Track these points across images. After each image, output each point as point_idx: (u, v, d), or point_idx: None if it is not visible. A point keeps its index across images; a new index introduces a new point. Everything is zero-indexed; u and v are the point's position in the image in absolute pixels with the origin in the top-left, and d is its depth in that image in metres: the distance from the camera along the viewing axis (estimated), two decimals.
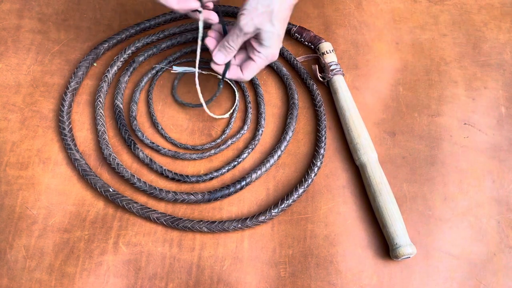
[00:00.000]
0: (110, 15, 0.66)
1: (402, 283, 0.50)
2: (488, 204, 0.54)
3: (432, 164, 0.56)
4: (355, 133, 0.55)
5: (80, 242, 0.51)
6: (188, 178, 0.54)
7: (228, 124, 0.58)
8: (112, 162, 0.54)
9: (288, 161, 0.56)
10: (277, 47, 0.51)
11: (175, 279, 0.49)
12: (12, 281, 0.48)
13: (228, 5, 0.65)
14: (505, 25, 0.67)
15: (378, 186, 0.51)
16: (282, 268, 0.50)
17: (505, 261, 0.51)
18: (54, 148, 0.56)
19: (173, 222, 0.51)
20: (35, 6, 0.66)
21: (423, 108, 0.60)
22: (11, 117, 0.57)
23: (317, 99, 0.59)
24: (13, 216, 0.52)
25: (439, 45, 0.65)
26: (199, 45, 0.52)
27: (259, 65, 0.51)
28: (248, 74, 0.52)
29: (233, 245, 0.51)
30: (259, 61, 0.51)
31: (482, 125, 0.59)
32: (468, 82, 0.62)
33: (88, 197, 0.53)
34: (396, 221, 0.50)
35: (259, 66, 0.51)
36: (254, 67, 0.51)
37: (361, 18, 0.67)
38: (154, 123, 0.57)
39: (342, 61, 0.63)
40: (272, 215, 0.51)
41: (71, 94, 0.58)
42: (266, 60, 0.51)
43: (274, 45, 0.50)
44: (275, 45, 0.50)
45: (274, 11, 0.47)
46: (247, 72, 0.52)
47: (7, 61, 0.61)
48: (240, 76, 0.52)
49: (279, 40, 0.50)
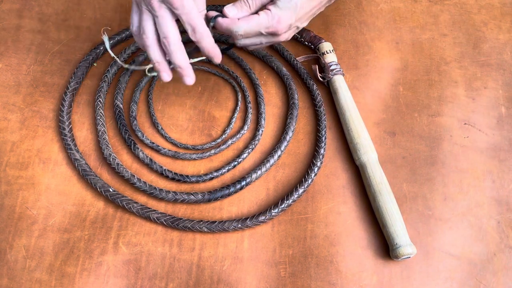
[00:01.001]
0: (110, 15, 0.66)
1: (402, 283, 0.50)
2: (488, 204, 0.54)
3: (432, 164, 0.56)
4: (355, 133, 0.55)
5: (80, 242, 0.51)
6: (188, 178, 0.54)
7: (229, 124, 0.58)
8: (112, 162, 0.54)
9: (288, 161, 0.56)
10: (291, 17, 0.46)
11: (175, 279, 0.49)
12: (12, 281, 0.48)
13: None
14: (505, 25, 0.67)
15: (378, 186, 0.51)
16: (282, 268, 0.50)
17: (505, 261, 0.51)
18: (54, 148, 0.56)
19: (173, 222, 0.51)
20: (35, 6, 0.66)
21: (423, 108, 0.60)
22: (11, 117, 0.57)
23: (317, 99, 0.59)
24: (13, 216, 0.52)
25: (439, 45, 0.65)
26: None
27: (261, 20, 0.46)
28: (243, 24, 0.46)
29: (233, 245, 0.51)
30: (263, 16, 0.46)
31: (482, 125, 0.59)
32: (468, 82, 0.62)
33: (88, 197, 0.53)
34: (396, 221, 0.50)
35: (260, 21, 0.46)
36: (254, 20, 0.46)
37: (361, 18, 0.67)
38: (154, 123, 0.57)
39: (342, 61, 0.63)
40: (272, 215, 0.51)
41: (71, 94, 0.58)
42: (270, 21, 0.46)
43: (287, 11, 0.45)
44: (290, 12, 0.45)
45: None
46: (244, 22, 0.46)
47: (7, 61, 0.61)
48: (234, 21, 0.46)
49: (295, 11, 0.45)
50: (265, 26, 0.46)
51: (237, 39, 0.48)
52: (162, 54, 0.46)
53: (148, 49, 0.46)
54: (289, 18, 0.46)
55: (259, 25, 0.46)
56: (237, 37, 0.48)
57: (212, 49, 0.46)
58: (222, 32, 0.48)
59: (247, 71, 0.61)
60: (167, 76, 0.47)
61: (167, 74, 0.47)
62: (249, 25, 0.46)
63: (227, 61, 0.63)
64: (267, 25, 0.46)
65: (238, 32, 0.46)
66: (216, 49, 0.46)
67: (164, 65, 0.46)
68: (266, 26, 0.46)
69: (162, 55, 0.46)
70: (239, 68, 0.62)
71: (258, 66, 0.63)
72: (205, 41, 0.45)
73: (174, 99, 0.60)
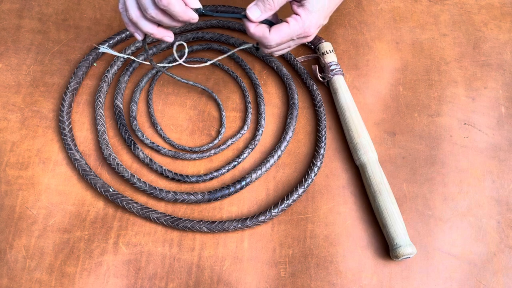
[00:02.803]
0: (110, 15, 0.66)
1: (402, 283, 0.50)
2: (488, 204, 0.54)
3: (432, 164, 0.56)
4: (355, 133, 0.55)
5: (80, 242, 0.51)
6: (188, 178, 0.54)
7: (221, 124, 0.58)
8: (112, 162, 0.54)
9: (288, 161, 0.56)
10: (319, 18, 0.44)
11: (175, 279, 0.49)
12: (12, 281, 0.48)
13: (228, 5, 0.65)
14: (505, 25, 0.67)
15: (378, 186, 0.51)
16: (282, 268, 0.50)
17: (505, 261, 0.51)
18: (54, 148, 0.56)
19: (173, 222, 0.51)
20: (35, 6, 0.66)
21: (423, 108, 0.60)
22: (11, 117, 0.57)
23: (317, 99, 0.59)
24: (13, 216, 0.52)
25: (439, 45, 0.65)
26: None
27: (292, 30, 0.44)
28: (275, 36, 0.44)
29: (233, 245, 0.51)
30: (293, 25, 0.44)
31: (482, 125, 0.59)
32: (468, 82, 0.62)
33: (88, 197, 0.53)
34: (396, 221, 0.50)
35: (292, 31, 0.44)
36: (284, 30, 0.44)
37: (361, 18, 0.67)
38: (153, 123, 0.57)
39: (342, 61, 0.63)
40: (272, 215, 0.51)
41: (71, 94, 0.58)
42: (301, 27, 0.44)
43: (318, 12, 0.44)
44: (319, 14, 0.44)
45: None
46: (275, 33, 0.44)
47: (7, 61, 0.61)
48: (266, 35, 0.45)
49: (323, 12, 0.44)
50: (297, 34, 0.45)
51: (269, 49, 0.47)
52: (152, 25, 0.45)
53: (129, 27, 0.45)
54: (319, 19, 0.45)
55: (291, 33, 0.45)
56: (269, 48, 0.47)
57: (183, 13, 0.43)
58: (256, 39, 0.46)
59: (247, 71, 0.61)
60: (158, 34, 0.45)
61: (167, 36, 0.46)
62: (281, 36, 0.45)
63: (227, 61, 0.63)
64: (299, 32, 0.45)
65: (271, 45, 0.45)
66: (188, 13, 0.43)
67: (159, 30, 0.45)
68: (298, 33, 0.45)
69: (152, 27, 0.45)
70: (239, 68, 0.62)
71: (258, 66, 0.63)
72: (172, 6, 0.41)
73: (174, 99, 0.60)
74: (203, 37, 0.63)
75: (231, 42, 0.63)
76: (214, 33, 0.63)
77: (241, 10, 0.65)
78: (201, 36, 0.63)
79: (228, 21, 0.65)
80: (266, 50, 0.48)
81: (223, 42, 0.63)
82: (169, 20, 0.44)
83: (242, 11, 0.63)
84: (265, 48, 0.47)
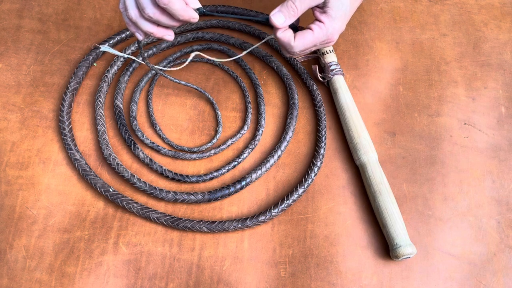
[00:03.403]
0: (110, 15, 0.66)
1: (402, 283, 0.50)
2: (488, 204, 0.54)
3: (432, 164, 0.56)
4: (355, 133, 0.55)
5: (80, 242, 0.51)
6: (188, 178, 0.54)
7: (218, 123, 0.58)
8: (112, 162, 0.54)
9: (288, 161, 0.56)
10: (342, 24, 0.45)
11: (175, 279, 0.49)
12: (12, 281, 0.48)
13: (228, 5, 0.65)
14: (505, 25, 0.67)
15: (378, 186, 0.51)
16: (282, 268, 0.50)
17: (505, 261, 0.51)
18: (54, 148, 0.56)
19: (173, 222, 0.51)
20: (35, 6, 0.66)
21: (423, 108, 0.60)
22: (11, 117, 0.57)
23: (317, 99, 0.59)
24: (13, 216, 0.52)
25: (439, 45, 0.65)
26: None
27: (316, 37, 0.45)
28: (299, 43, 0.45)
29: (233, 245, 0.51)
30: (318, 32, 0.45)
31: (482, 125, 0.59)
32: (468, 82, 0.62)
33: (88, 197, 0.53)
34: (396, 221, 0.50)
35: (315, 38, 0.45)
36: (308, 38, 0.45)
37: (361, 18, 0.66)
38: (152, 123, 0.57)
39: (342, 61, 0.63)
40: (272, 215, 0.51)
41: (71, 94, 0.58)
42: (325, 34, 0.45)
43: (340, 19, 0.44)
44: (340, 20, 0.44)
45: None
46: (299, 41, 0.45)
47: (7, 61, 0.61)
48: (290, 43, 0.45)
49: (345, 18, 0.45)
50: (321, 41, 0.46)
51: (291, 54, 0.48)
52: (151, 25, 0.45)
53: (130, 27, 0.46)
54: (342, 26, 0.46)
55: (315, 41, 0.46)
56: (294, 54, 0.48)
57: (184, 12, 0.43)
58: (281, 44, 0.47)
59: (247, 71, 0.61)
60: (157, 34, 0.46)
61: (168, 35, 0.46)
62: (305, 44, 0.45)
63: (227, 61, 0.63)
64: (323, 39, 0.46)
65: (295, 52, 0.46)
66: (188, 12, 0.43)
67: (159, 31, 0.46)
68: (322, 40, 0.46)
69: (151, 26, 0.45)
70: (239, 68, 0.62)
71: (258, 66, 0.63)
72: (172, 4, 0.42)
73: (174, 99, 0.60)
74: (203, 37, 0.63)
75: (231, 42, 0.63)
76: (214, 33, 0.63)
77: (254, 12, 0.64)
78: (201, 36, 0.63)
79: (228, 21, 0.65)
80: (288, 54, 0.49)
81: (223, 42, 0.63)
82: (167, 20, 0.44)
83: (259, 15, 0.62)
84: (287, 53, 0.48)
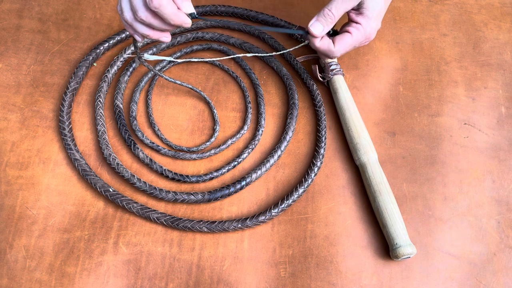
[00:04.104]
0: (110, 15, 0.66)
1: (402, 283, 0.50)
2: (488, 204, 0.54)
3: (432, 164, 0.56)
4: (355, 133, 0.55)
5: (80, 242, 0.51)
6: (188, 178, 0.54)
7: (215, 122, 0.58)
8: (112, 162, 0.54)
9: (288, 161, 0.56)
10: (378, 22, 0.46)
11: (175, 279, 0.49)
12: (12, 281, 0.48)
13: (228, 5, 0.65)
14: (505, 25, 0.67)
15: (378, 186, 0.51)
16: (282, 268, 0.50)
17: (505, 261, 0.51)
18: (54, 148, 0.56)
19: (173, 222, 0.51)
20: (35, 6, 0.66)
21: (423, 108, 0.60)
22: (11, 117, 0.57)
23: (317, 99, 0.59)
24: (13, 216, 0.52)
25: (439, 44, 0.65)
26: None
27: (355, 40, 0.46)
28: (339, 47, 0.47)
29: (233, 245, 0.51)
30: (356, 34, 0.46)
31: (482, 125, 0.59)
32: (468, 82, 0.62)
33: (88, 197, 0.53)
34: (396, 221, 0.50)
35: (354, 41, 0.46)
36: (348, 41, 0.46)
37: None
38: (152, 123, 0.57)
39: (342, 61, 0.63)
40: (272, 215, 0.51)
41: (71, 94, 0.58)
42: (363, 35, 0.46)
43: (376, 18, 0.45)
44: (377, 19, 0.45)
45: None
46: (339, 45, 0.46)
47: (7, 61, 0.61)
48: (331, 49, 0.47)
49: (380, 16, 0.45)
50: (360, 41, 0.47)
51: (331, 59, 0.49)
52: (147, 28, 0.45)
53: (128, 29, 0.46)
54: (378, 24, 0.47)
55: (354, 43, 0.47)
56: (333, 58, 0.50)
57: (175, 16, 0.43)
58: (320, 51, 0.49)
59: (247, 71, 0.62)
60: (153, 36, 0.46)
61: (164, 37, 0.47)
62: (345, 47, 0.47)
63: (227, 61, 0.63)
64: (361, 40, 0.47)
65: (336, 56, 0.47)
66: (180, 17, 0.43)
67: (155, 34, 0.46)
68: (361, 41, 0.47)
69: (146, 28, 0.45)
70: (239, 68, 0.62)
71: (258, 66, 0.63)
72: (164, 9, 0.41)
73: (174, 99, 0.60)
74: (203, 37, 0.63)
75: (231, 42, 0.63)
76: (214, 33, 0.63)
77: (285, 22, 0.64)
78: (201, 36, 0.63)
79: (228, 21, 0.65)
80: (328, 59, 0.50)
81: (223, 42, 0.63)
82: (160, 23, 0.44)
83: (292, 26, 0.63)
84: (328, 58, 0.50)
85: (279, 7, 0.67)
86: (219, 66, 0.62)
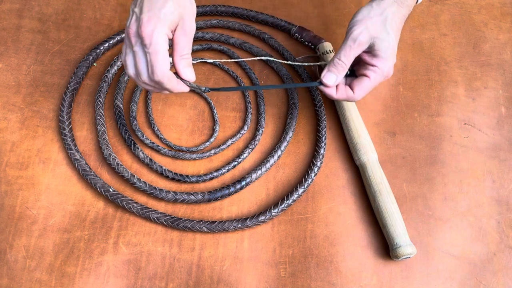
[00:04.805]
0: (110, 15, 0.66)
1: (402, 283, 0.50)
2: (488, 204, 0.54)
3: (432, 164, 0.56)
4: (355, 133, 0.55)
5: (80, 242, 0.51)
6: (188, 178, 0.54)
7: (214, 122, 0.58)
8: (112, 162, 0.54)
9: (288, 161, 0.56)
10: (393, 60, 0.46)
11: (175, 279, 0.49)
12: (12, 281, 0.48)
13: (228, 5, 0.65)
14: (505, 25, 0.67)
15: (378, 186, 0.51)
16: (282, 268, 0.50)
17: (505, 261, 0.51)
18: (54, 148, 0.56)
19: (173, 222, 0.51)
20: (35, 6, 0.66)
21: (423, 108, 0.60)
22: (11, 117, 0.57)
23: (317, 99, 0.59)
24: (13, 216, 0.52)
25: (439, 44, 0.65)
26: None
27: (374, 82, 0.46)
28: (360, 92, 0.46)
29: (233, 245, 0.51)
30: (374, 77, 0.45)
31: (482, 125, 0.59)
32: (468, 82, 0.62)
33: (88, 197, 0.53)
34: (396, 221, 0.50)
35: (374, 82, 0.46)
36: (367, 85, 0.46)
37: None
38: (151, 123, 0.57)
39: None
40: (272, 215, 0.51)
41: (71, 94, 0.58)
42: (382, 75, 0.46)
43: (391, 57, 0.45)
44: (392, 57, 0.45)
45: (388, 19, 0.44)
46: (359, 90, 0.46)
47: (7, 61, 0.61)
48: (351, 96, 0.47)
49: (394, 53, 0.45)
50: (379, 82, 0.47)
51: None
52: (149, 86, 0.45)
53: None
54: (393, 60, 0.46)
55: (373, 85, 0.46)
56: (355, 101, 0.50)
57: (174, 88, 0.44)
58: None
59: (247, 71, 0.61)
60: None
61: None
62: (365, 91, 0.46)
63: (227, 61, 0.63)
64: (380, 80, 0.47)
65: (358, 100, 0.47)
66: (179, 87, 0.45)
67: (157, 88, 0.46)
68: (380, 81, 0.47)
69: (149, 87, 0.45)
70: (239, 68, 0.62)
71: (258, 66, 0.63)
72: (165, 84, 0.43)
73: (174, 99, 0.60)
74: (203, 37, 0.63)
75: (231, 42, 0.63)
76: (214, 33, 0.63)
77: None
78: (201, 36, 0.63)
79: (228, 21, 0.65)
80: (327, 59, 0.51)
81: (223, 42, 0.63)
82: (159, 88, 0.45)
83: (310, 82, 0.61)
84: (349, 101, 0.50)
85: (279, 7, 0.67)
86: (219, 66, 0.62)
